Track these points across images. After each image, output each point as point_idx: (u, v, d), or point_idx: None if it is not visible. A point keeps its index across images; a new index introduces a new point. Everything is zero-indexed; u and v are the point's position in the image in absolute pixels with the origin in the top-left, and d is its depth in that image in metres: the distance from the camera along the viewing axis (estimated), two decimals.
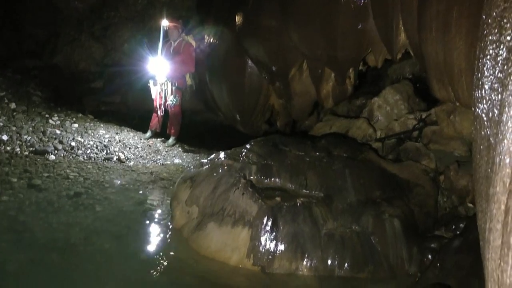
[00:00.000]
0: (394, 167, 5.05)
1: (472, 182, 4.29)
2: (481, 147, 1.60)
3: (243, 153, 4.81)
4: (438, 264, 3.71)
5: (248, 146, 4.94)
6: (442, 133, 5.50)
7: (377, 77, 8.47)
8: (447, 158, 5.25)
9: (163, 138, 7.98)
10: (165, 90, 7.68)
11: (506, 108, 1.34)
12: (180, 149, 7.60)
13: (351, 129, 6.52)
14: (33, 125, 6.93)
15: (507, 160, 1.32)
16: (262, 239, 4.01)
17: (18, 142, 6.21)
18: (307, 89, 7.67)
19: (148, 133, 7.99)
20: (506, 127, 1.33)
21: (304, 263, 3.97)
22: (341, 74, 6.90)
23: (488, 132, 1.52)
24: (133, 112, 9.49)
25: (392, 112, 6.47)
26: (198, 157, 7.21)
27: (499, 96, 1.43)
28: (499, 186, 1.34)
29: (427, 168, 5.13)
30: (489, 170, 1.46)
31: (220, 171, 4.56)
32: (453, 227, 4.48)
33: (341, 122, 6.88)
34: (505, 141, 1.32)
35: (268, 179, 4.56)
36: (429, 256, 4.12)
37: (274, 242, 4.00)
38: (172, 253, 4.14)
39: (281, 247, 4.00)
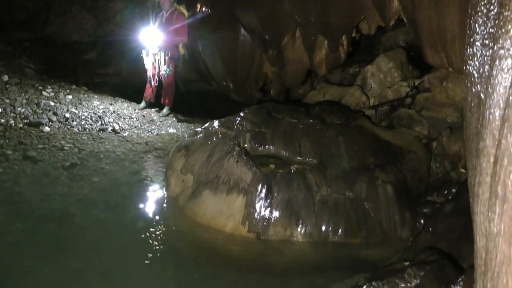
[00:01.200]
0: (387, 134, 5.07)
1: (464, 147, 4.32)
2: (472, 104, 1.61)
3: (237, 121, 4.81)
4: (430, 229, 3.77)
5: (242, 114, 4.94)
6: (435, 99, 5.51)
7: (370, 45, 8.45)
8: (439, 124, 5.28)
9: (157, 108, 7.97)
10: (158, 60, 7.64)
11: (497, 61, 1.35)
12: (174, 119, 7.59)
13: (345, 96, 6.52)
14: (26, 97, 6.88)
15: (497, 113, 1.33)
16: (257, 206, 4.04)
17: (12, 114, 6.18)
18: (300, 56, 7.63)
19: (142, 104, 7.98)
20: (496, 80, 1.34)
21: (299, 229, 4.01)
22: (334, 41, 6.86)
23: (479, 88, 1.53)
24: (126, 83, 9.44)
25: (385, 80, 6.47)
26: (192, 126, 7.20)
27: (490, 51, 1.44)
28: (489, 139, 1.36)
29: (420, 134, 5.16)
30: (479, 126, 1.48)
31: (214, 139, 4.58)
32: (445, 192, 4.53)
33: (335, 90, 6.87)
34: (495, 94, 1.34)
35: (262, 147, 4.57)
36: (421, 221, 4.18)
37: (268, 209, 4.04)
38: (167, 221, 4.17)
39: (276, 213, 4.03)
